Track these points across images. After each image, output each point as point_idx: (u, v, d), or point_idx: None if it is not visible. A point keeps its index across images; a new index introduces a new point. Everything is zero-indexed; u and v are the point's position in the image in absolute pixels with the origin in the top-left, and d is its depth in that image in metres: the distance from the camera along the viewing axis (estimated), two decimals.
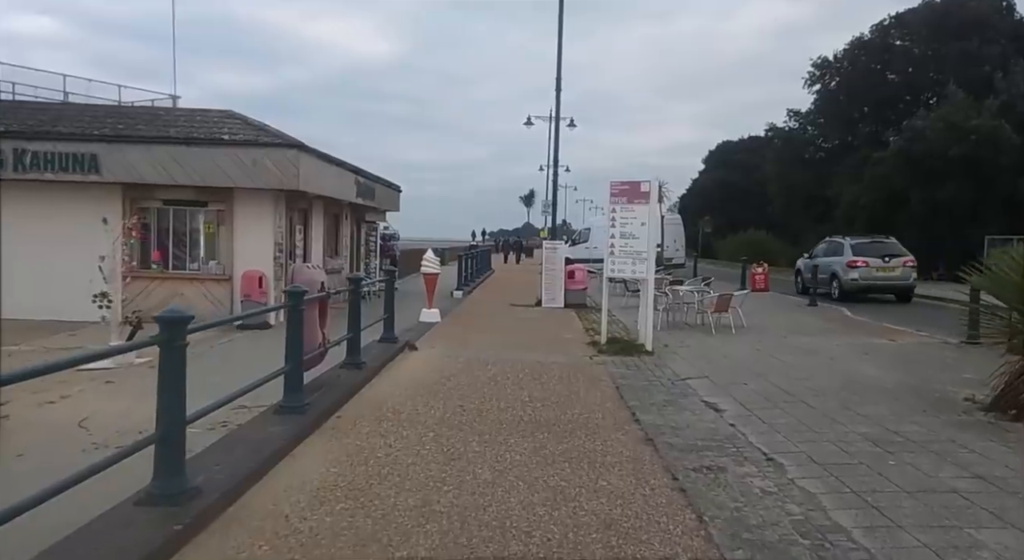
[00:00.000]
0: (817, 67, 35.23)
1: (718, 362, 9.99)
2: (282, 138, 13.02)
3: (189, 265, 13.77)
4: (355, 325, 7.96)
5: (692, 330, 13.48)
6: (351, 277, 8.02)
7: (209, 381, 8.71)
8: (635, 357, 10.30)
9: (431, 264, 13.97)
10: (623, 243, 11.09)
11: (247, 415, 6.33)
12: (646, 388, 8.18)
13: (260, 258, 13.35)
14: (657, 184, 10.99)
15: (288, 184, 12.90)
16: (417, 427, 6.20)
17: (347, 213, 18.90)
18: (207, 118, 13.70)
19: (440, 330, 12.75)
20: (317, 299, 6.73)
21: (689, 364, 9.77)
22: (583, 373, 9.07)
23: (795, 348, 11.31)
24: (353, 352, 8.00)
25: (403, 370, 8.81)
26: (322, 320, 7.01)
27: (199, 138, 12.83)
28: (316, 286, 6.81)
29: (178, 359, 3.85)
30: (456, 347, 10.86)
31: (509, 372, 8.91)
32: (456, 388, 7.84)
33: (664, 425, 6.52)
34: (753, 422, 6.69)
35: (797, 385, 8.31)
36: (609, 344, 11.15)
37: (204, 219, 13.70)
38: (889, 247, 20.40)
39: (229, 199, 13.43)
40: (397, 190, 22.85)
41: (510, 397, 7.51)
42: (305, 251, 15.89)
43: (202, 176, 12.81)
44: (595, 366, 9.60)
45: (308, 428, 5.72)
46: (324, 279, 7.09)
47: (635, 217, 10.97)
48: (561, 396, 7.65)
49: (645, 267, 10.89)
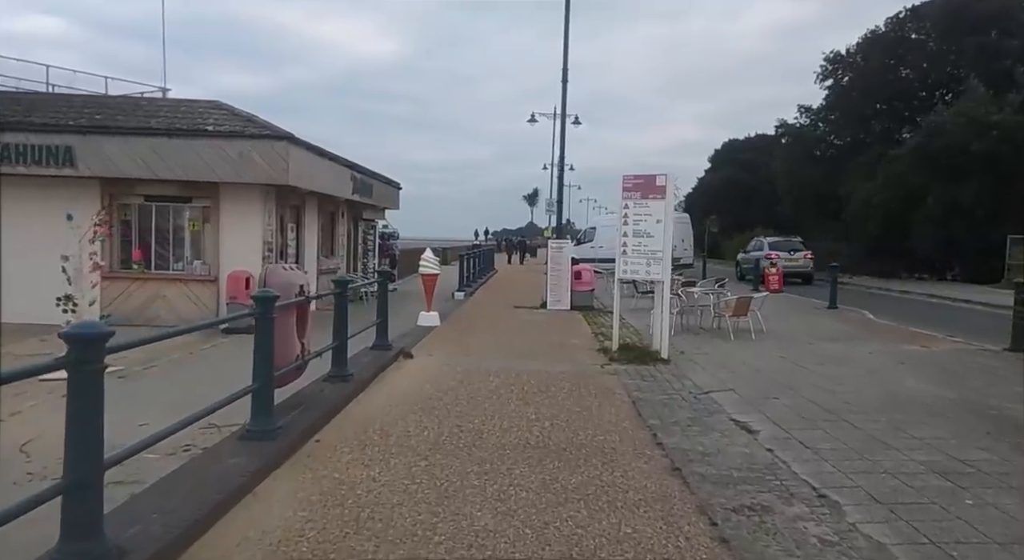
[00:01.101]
0: (829, 62, 34.25)
1: (742, 372, 9.12)
2: (270, 129, 12.19)
3: (173, 265, 12.96)
4: (341, 333, 7.13)
5: (708, 335, 12.61)
6: (336, 279, 7.18)
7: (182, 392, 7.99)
8: (650, 366, 9.45)
9: (430, 264, 13.13)
10: (637, 242, 10.23)
11: (215, 437, 5.51)
12: (666, 403, 7.32)
13: (248, 258, 12.53)
14: (673, 178, 10.16)
15: (278, 179, 12.08)
16: (407, 454, 5.36)
17: (343, 211, 18.08)
18: (192, 109, 12.88)
19: (439, 335, 11.90)
20: (294, 305, 5.90)
21: (710, 374, 8.92)
22: (594, 385, 8.22)
23: (824, 356, 10.44)
24: (339, 363, 7.16)
25: (396, 382, 7.96)
26: (301, 328, 6.17)
27: (182, 129, 12.02)
28: (293, 290, 5.97)
29: (93, 387, 3.01)
30: (456, 354, 10.02)
31: (513, 384, 8.07)
32: (454, 403, 6.99)
33: (691, 450, 5.67)
34: (793, 446, 5.83)
35: (834, 400, 7.45)
36: (621, 351, 10.30)
37: (189, 216, 12.90)
38: (795, 245, 28.66)
39: (215, 195, 12.62)
40: (397, 187, 22.03)
41: (514, 414, 6.66)
42: (298, 251, 15.07)
43: (185, 170, 12.00)
44: (607, 376, 8.75)
45: (278, 458, 4.87)
46: (305, 282, 6.25)
47: (650, 214, 10.11)
48: (572, 413, 6.80)
49: (661, 268, 10.03)
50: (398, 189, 22.17)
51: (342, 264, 18.19)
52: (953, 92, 31.20)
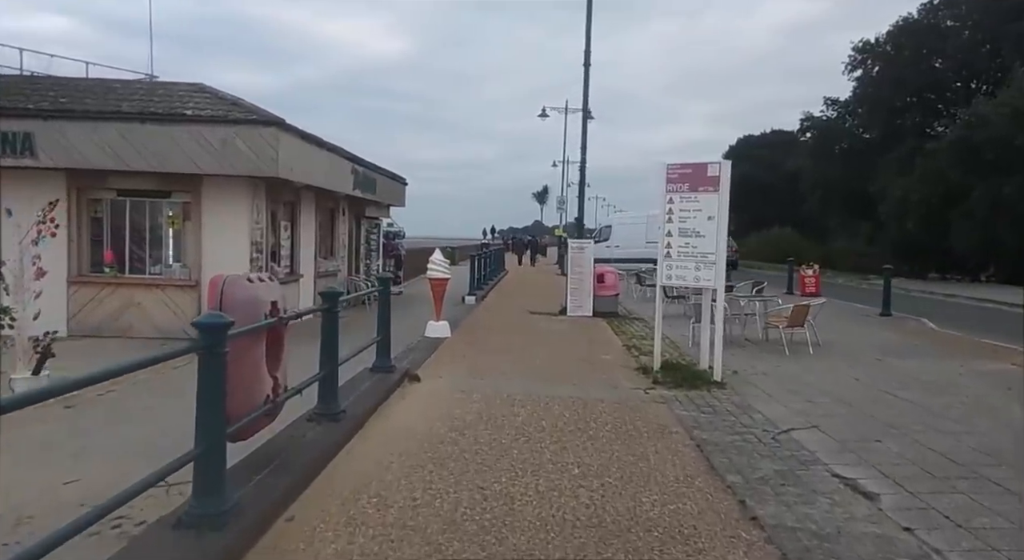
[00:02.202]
0: (858, 51, 32.51)
1: (818, 401, 7.56)
2: (257, 113, 10.70)
3: (150, 268, 11.49)
4: (330, 359, 5.61)
5: (756, 349, 11.04)
6: (325, 292, 5.66)
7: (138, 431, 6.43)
8: (703, 391, 7.91)
9: (439, 267, 11.59)
10: (683, 243, 8.67)
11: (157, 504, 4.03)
12: (739, 447, 5.78)
13: (233, 260, 11.06)
14: (729, 167, 8.59)
15: (266, 170, 10.58)
16: (413, 539, 3.84)
17: (344, 208, 16.59)
18: (171, 92, 11.39)
19: (450, 349, 10.39)
20: (262, 330, 4.38)
21: (781, 404, 7.37)
22: (643, 419, 6.68)
23: (906, 377, 8.87)
24: (327, 397, 5.65)
25: (399, 418, 6.43)
26: (274, 359, 4.66)
27: (156, 114, 10.53)
28: (261, 308, 4.46)
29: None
30: (470, 375, 8.50)
31: (543, 417, 6.56)
32: (473, 451, 5.47)
33: (801, 528, 4.14)
34: (938, 523, 4.28)
35: (958, 446, 5.88)
36: (665, 371, 8.76)
37: (167, 212, 11.42)
38: None
39: (196, 188, 11.14)
40: (402, 183, 20.53)
41: (552, 468, 5.14)
42: (292, 251, 13.58)
43: (161, 160, 10.52)
44: (655, 406, 7.22)
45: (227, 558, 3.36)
46: (278, 297, 4.75)
47: (699, 209, 8.56)
48: (624, 464, 5.27)
49: (713, 273, 8.48)
50: (404, 185, 20.66)
51: (343, 266, 16.70)
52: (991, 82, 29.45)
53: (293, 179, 11.52)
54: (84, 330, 10.92)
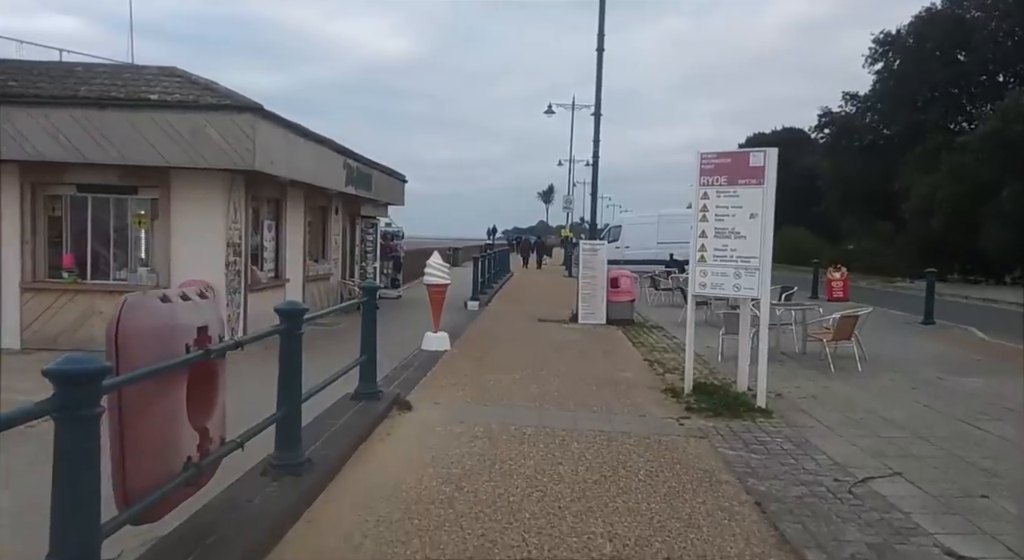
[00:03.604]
0: (879, 43, 31.12)
1: (887, 434, 6.31)
2: (232, 98, 9.48)
3: (115, 273, 10.30)
4: (289, 396, 4.37)
5: (797, 364, 9.79)
6: (282, 310, 4.39)
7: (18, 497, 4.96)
8: (747, 421, 6.69)
9: (438, 272, 10.36)
10: (720, 245, 7.43)
11: None
12: (811, 506, 4.54)
13: (208, 263, 9.89)
14: (775, 156, 7.34)
15: (241, 162, 9.37)
16: None
17: (337, 206, 15.38)
18: (138, 75, 10.18)
19: (449, 364, 9.16)
20: (181, 371, 3.15)
21: (844, 439, 6.12)
22: (682, 460, 5.46)
23: (981, 401, 7.62)
24: (286, 444, 4.42)
25: (380, 465, 5.18)
26: (203, 404, 3.44)
27: (117, 99, 9.33)
28: (180, 338, 3.23)
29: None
30: (471, 400, 7.28)
31: (560, 461, 5.34)
32: (471, 515, 4.24)
33: None
34: None
35: None
36: (698, 395, 7.54)
37: (133, 211, 10.22)
38: None
39: (166, 183, 9.94)
40: (401, 180, 19.31)
41: (574, 542, 3.93)
42: (278, 253, 12.38)
43: (122, 151, 9.32)
44: (694, 442, 5.99)
45: None
46: (211, 320, 3.53)
47: (740, 206, 7.33)
48: (669, 535, 4.05)
49: (756, 281, 7.23)
50: (403, 182, 19.44)
51: (336, 269, 15.49)
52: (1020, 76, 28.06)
53: (275, 173, 10.30)
54: (40, 343, 9.74)
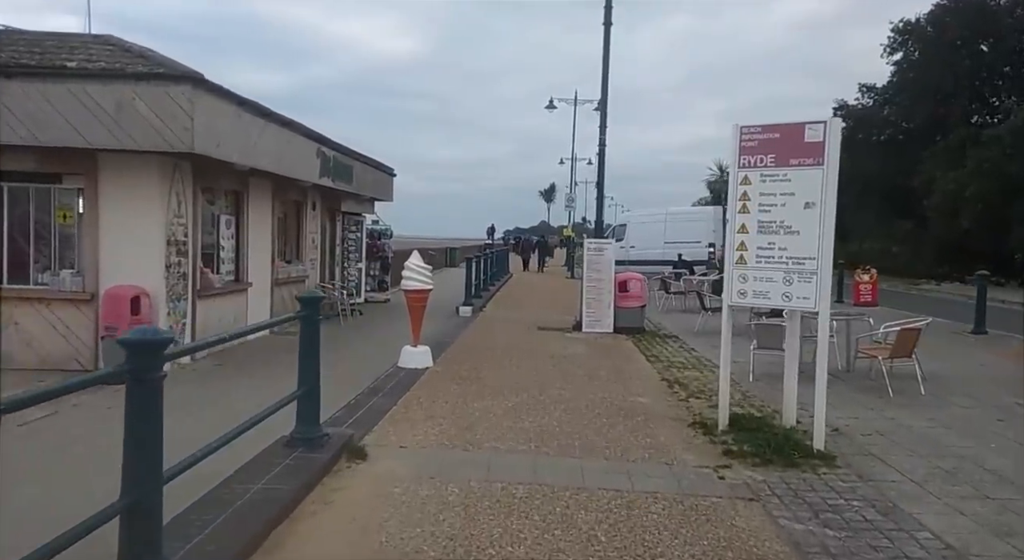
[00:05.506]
0: (899, 32, 29.47)
1: (1000, 494, 4.71)
2: (165, 66, 7.89)
3: (36, 276, 8.71)
4: (143, 476, 2.78)
5: (845, 386, 8.18)
6: (123, 339, 2.82)
7: None
8: (805, 471, 5.12)
9: (418, 275, 8.77)
10: (765, 242, 5.84)
11: None
12: None
13: (143, 264, 8.36)
14: (839, 129, 5.77)
15: (180, 144, 7.78)
16: None
17: (314, 201, 13.81)
18: (62, 43, 8.60)
19: (428, 387, 7.57)
20: None
21: (945, 503, 4.53)
22: (731, 541, 3.89)
23: None
24: (138, 546, 2.81)
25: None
26: None
27: (27, 66, 7.76)
28: None
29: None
30: (448, 442, 5.68)
31: (563, 545, 3.77)
32: None
33: None
34: None
35: None
36: (737, 432, 5.97)
37: (57, 202, 8.65)
38: None
39: (92, 170, 8.37)
40: (390, 174, 17.72)
41: None
42: (238, 254, 10.80)
43: (36, 131, 7.75)
44: (743, 508, 4.40)
45: None
46: None
47: (791, 193, 5.74)
48: None
49: (814, 289, 5.63)
50: (392, 176, 17.85)
51: (313, 271, 13.91)
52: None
53: (225, 158, 8.72)
54: None
